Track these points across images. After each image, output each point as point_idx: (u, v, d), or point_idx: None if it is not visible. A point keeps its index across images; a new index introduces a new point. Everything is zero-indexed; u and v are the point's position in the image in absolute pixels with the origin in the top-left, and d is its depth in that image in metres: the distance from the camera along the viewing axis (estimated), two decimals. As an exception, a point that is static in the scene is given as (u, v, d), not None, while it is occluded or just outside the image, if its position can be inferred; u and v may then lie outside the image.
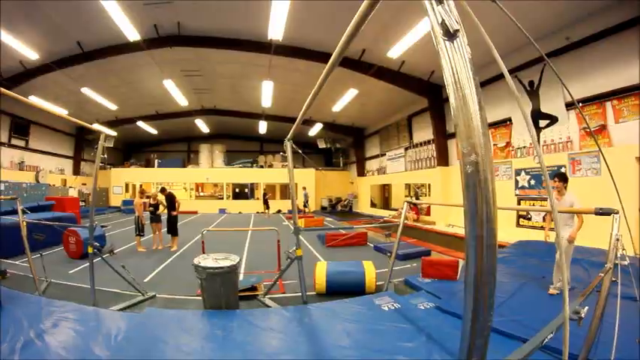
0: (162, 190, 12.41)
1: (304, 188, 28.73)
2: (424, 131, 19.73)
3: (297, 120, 4.92)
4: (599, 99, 10.89)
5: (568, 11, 10.81)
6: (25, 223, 7.26)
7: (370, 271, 7.33)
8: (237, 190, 32.34)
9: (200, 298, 6.79)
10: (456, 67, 1.37)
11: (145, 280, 8.23)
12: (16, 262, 9.93)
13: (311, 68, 16.44)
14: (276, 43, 14.29)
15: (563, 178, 6.52)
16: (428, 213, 18.81)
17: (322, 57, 15.20)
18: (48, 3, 12.06)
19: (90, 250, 6.31)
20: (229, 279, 5.99)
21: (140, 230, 11.84)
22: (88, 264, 9.39)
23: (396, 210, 22.16)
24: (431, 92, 17.21)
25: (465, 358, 1.49)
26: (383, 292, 6.81)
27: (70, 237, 10.56)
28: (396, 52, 13.71)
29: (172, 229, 12.13)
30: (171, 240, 12.28)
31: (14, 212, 11.88)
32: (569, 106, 11.72)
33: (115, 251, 6.70)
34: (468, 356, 1.48)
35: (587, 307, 2.66)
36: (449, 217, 17.05)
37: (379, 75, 16.08)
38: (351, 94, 18.87)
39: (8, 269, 8.49)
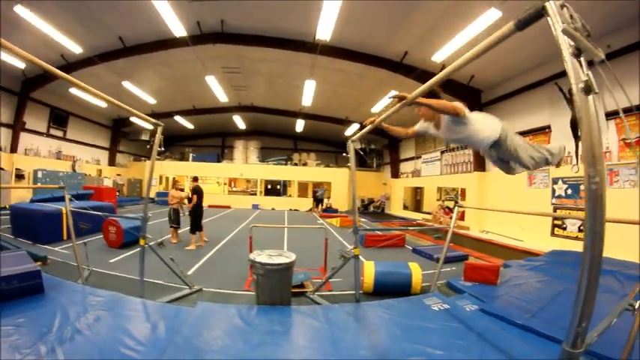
0: (195, 179, 12.18)
1: (319, 187, 29.29)
2: None
3: (367, 127, 4.90)
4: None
5: (610, 18, 10.52)
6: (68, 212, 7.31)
7: (417, 273, 7.38)
8: (269, 186, 32.46)
9: (247, 292, 7.03)
10: (591, 118, 1.81)
11: (189, 273, 8.28)
12: (55, 249, 10.05)
13: (351, 68, 16.47)
14: (323, 43, 14.18)
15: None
16: (462, 218, 18.49)
17: (365, 59, 15.29)
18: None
19: (142, 242, 6.29)
20: (286, 276, 6.05)
21: (175, 222, 11.72)
22: (128, 254, 9.80)
23: (429, 213, 21.99)
24: (470, 96, 16.89)
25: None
26: (430, 293, 6.90)
27: (111, 226, 10.71)
28: (440, 56, 13.55)
29: (194, 225, 11.41)
30: (191, 238, 11.42)
31: (52, 200, 12.39)
32: (609, 116, 11.43)
33: (158, 242, 6.70)
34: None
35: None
36: (483, 222, 16.89)
37: (421, 78, 15.76)
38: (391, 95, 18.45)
39: (48, 256, 8.71)
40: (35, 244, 10.23)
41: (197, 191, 11.40)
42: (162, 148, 6.70)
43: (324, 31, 12.89)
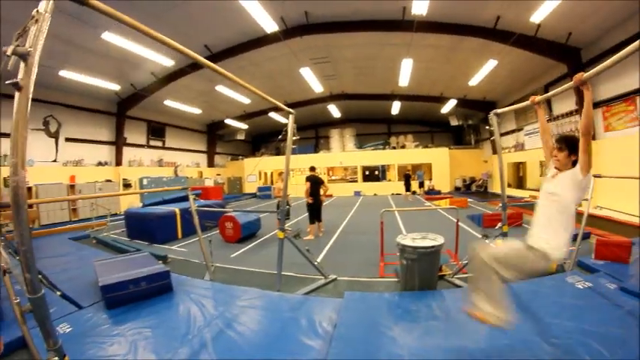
0: (312, 169, 11.82)
1: (419, 168, 28.24)
2: (565, 101, 17.47)
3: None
4: None
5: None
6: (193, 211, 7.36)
7: None
8: (367, 172, 31.93)
9: (384, 279, 6.81)
10: None
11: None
12: (172, 248, 10.35)
13: (443, 42, 15.70)
14: (419, 18, 13.45)
15: (569, 143, 3.45)
16: None
17: (456, 29, 14.42)
18: (173, 15, 12.78)
19: (281, 235, 6.17)
20: (436, 259, 5.81)
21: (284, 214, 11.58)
22: (246, 248, 9.92)
23: (535, 190, 20.50)
24: (569, 57, 15.24)
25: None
26: (569, 272, 6.34)
27: (227, 222, 10.90)
28: (539, 15, 12.30)
29: (311, 215, 11.33)
30: (309, 228, 11.37)
31: (162, 203, 13.05)
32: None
33: (294, 234, 6.57)
34: None
35: None
36: (598, 198, 15.47)
37: (518, 43, 14.66)
38: (490, 65, 17.27)
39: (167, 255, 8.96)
40: (151, 245, 10.64)
41: (310, 180, 11.10)
42: (297, 137, 6.60)
43: (421, 6, 12.18)
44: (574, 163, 3.29)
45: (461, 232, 8.03)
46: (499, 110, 6.06)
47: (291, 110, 6.22)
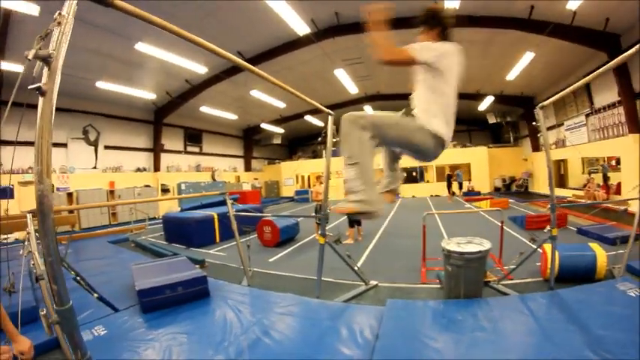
0: None
1: (457, 169, 27.71)
2: (606, 92, 16.74)
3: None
4: None
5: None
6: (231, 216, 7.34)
7: (601, 255, 6.33)
8: (404, 174, 31.26)
9: (425, 285, 6.62)
10: None
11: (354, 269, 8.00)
12: (210, 252, 10.38)
13: (476, 36, 15.20)
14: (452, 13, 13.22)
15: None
16: (618, 192, 16.37)
17: (490, 22, 14.06)
18: (205, 24, 12.88)
19: (321, 240, 6.05)
20: (482, 265, 5.55)
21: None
22: (284, 252, 9.92)
23: (577, 189, 19.67)
24: (609, 44, 14.41)
25: None
26: (619, 278, 5.97)
27: (266, 226, 10.90)
28: (574, 2, 11.85)
29: (350, 219, 10.96)
30: (349, 232, 11.21)
31: (200, 207, 13.29)
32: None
33: (334, 239, 6.48)
34: None
35: None
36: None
37: (554, 33, 14.07)
38: (527, 58, 16.79)
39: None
40: (189, 249, 10.75)
41: None
42: (337, 139, 6.54)
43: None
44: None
45: (505, 234, 7.75)
46: (545, 103, 5.80)
47: (330, 112, 6.07)
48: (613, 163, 17.99)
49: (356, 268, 6.58)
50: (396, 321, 4.65)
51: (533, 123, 5.92)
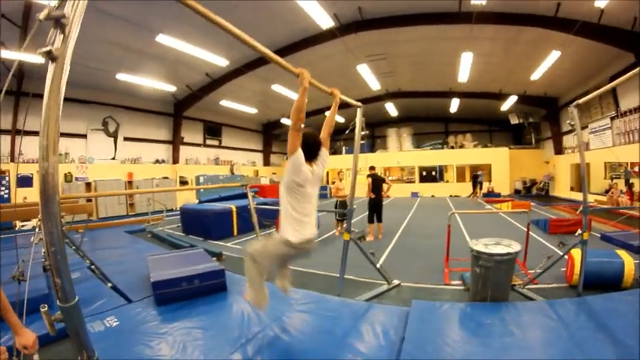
0: (371, 168, 11.47)
1: (477, 169, 27.14)
2: (634, 95, 16.03)
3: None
4: None
5: None
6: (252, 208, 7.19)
7: (629, 262, 6.12)
8: (423, 173, 31.16)
9: (448, 287, 6.49)
10: None
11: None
12: (228, 244, 10.26)
13: (500, 34, 15.03)
14: (479, 9, 12.95)
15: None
16: None
17: (515, 19, 13.70)
18: (227, 20, 12.68)
19: (346, 236, 5.84)
20: (511, 267, 5.35)
21: (341, 214, 11.19)
22: None
23: (598, 194, 19.05)
24: (637, 44, 13.94)
25: None
26: None
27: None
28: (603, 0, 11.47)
29: (370, 214, 10.99)
30: (369, 228, 11.01)
31: (218, 200, 13.30)
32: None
33: (359, 236, 6.30)
34: None
35: None
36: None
37: (581, 32, 13.63)
38: (552, 57, 16.07)
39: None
40: (206, 241, 10.68)
41: (372, 177, 10.90)
42: (366, 132, 6.35)
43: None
44: None
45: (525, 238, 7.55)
46: (580, 101, 5.54)
47: (359, 104, 5.91)
48: (636, 169, 17.42)
49: (378, 266, 6.42)
50: (422, 323, 4.46)
51: (568, 122, 5.63)
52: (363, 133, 6.09)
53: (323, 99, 5.20)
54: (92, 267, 4.94)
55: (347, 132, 6.28)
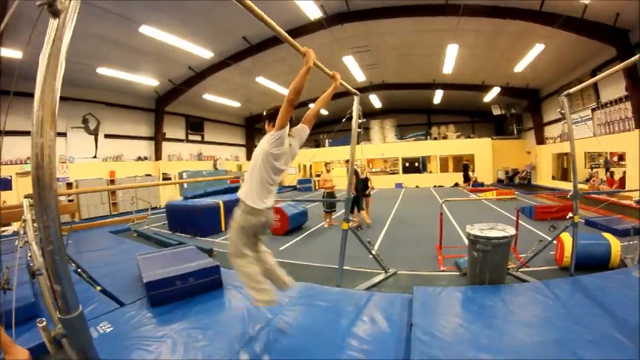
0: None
1: (467, 160, 27.60)
2: (614, 87, 16.46)
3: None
4: None
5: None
6: (224, 204, 6.97)
7: (615, 244, 6.58)
8: (407, 164, 31.11)
9: (444, 273, 6.66)
10: None
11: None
12: (216, 240, 10.12)
13: (485, 26, 15.01)
14: (465, 1, 12.99)
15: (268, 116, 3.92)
16: (622, 185, 15.97)
17: (501, 12, 13.73)
18: (214, 12, 12.85)
19: (345, 225, 5.79)
20: (507, 251, 5.51)
21: (328, 206, 11.53)
22: (294, 240, 9.83)
23: (588, 182, 19.35)
24: (618, 39, 14.27)
25: None
26: (635, 265, 6.22)
27: (274, 214, 10.51)
28: None
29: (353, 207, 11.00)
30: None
31: (204, 195, 13.02)
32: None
33: (356, 226, 6.22)
34: None
35: None
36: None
37: (565, 26, 13.83)
38: (536, 50, 16.37)
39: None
40: (194, 237, 10.47)
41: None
42: (363, 120, 6.53)
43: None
44: None
45: (513, 223, 7.72)
46: (571, 90, 5.93)
47: (356, 92, 5.94)
48: (615, 159, 17.76)
49: (375, 254, 6.51)
50: (427, 308, 4.54)
51: (559, 110, 6.22)
52: (360, 121, 5.93)
53: (307, 91, 5.09)
54: (79, 270, 4.70)
55: (343, 121, 6.22)
